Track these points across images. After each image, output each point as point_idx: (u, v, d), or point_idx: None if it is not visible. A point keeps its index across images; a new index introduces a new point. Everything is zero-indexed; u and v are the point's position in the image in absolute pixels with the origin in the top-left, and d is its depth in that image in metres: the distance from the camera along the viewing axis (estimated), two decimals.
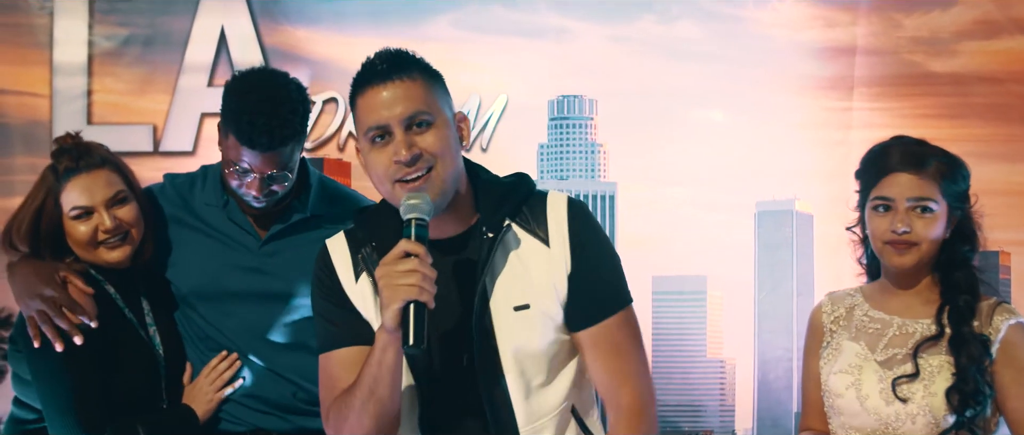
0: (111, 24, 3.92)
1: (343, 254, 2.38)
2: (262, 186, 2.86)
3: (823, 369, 2.75)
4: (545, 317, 2.32)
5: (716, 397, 3.84)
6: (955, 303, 2.66)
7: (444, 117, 2.29)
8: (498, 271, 2.31)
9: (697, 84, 3.87)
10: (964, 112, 3.86)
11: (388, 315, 2.15)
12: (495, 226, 2.30)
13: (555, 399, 2.36)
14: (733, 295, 3.81)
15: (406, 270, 2.13)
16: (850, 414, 2.69)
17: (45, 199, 2.82)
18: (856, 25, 3.89)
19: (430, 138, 2.25)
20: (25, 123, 3.91)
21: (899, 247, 2.66)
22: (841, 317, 2.79)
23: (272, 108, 2.78)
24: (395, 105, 2.25)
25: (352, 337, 2.32)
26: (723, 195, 3.84)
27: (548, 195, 2.37)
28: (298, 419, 3.05)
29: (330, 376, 2.34)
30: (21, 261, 2.85)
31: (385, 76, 2.27)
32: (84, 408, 2.76)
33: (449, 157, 2.26)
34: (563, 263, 2.32)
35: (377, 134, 2.27)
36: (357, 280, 2.35)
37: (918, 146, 2.71)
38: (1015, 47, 3.88)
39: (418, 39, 3.84)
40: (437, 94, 2.30)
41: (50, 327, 2.75)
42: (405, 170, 2.23)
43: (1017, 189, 3.80)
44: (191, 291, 3.00)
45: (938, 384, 2.62)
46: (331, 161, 3.88)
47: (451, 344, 2.30)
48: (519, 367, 2.31)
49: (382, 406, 2.24)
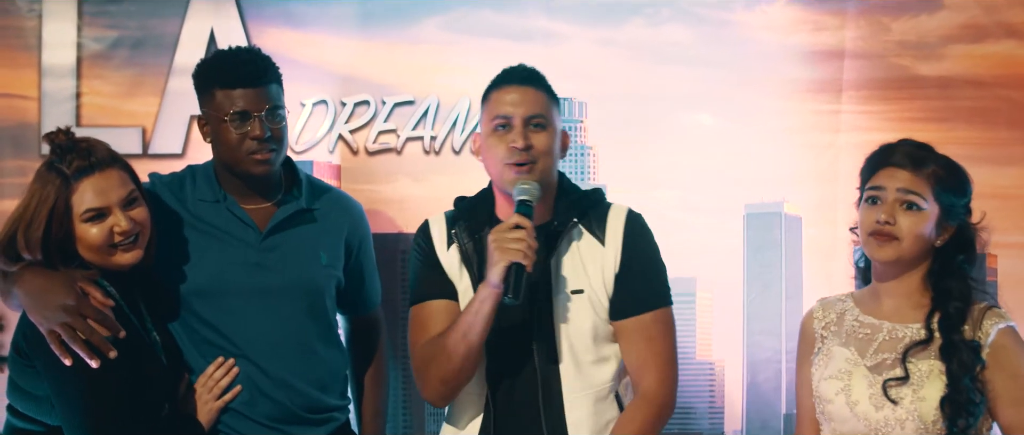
0: (100, 26, 3.91)
1: (441, 227, 2.89)
2: (264, 127, 2.93)
3: (814, 375, 2.75)
4: (594, 303, 2.80)
5: (705, 399, 3.84)
6: (946, 310, 2.66)
7: (554, 128, 2.85)
8: (562, 259, 2.81)
9: (686, 87, 3.88)
10: (951, 116, 3.87)
11: (495, 271, 2.65)
12: (564, 222, 2.82)
13: (599, 378, 2.81)
14: (722, 297, 3.82)
15: (515, 237, 2.64)
16: (840, 420, 2.69)
17: (55, 202, 2.69)
18: (844, 29, 3.90)
19: (542, 138, 2.81)
20: (14, 125, 3.90)
21: (880, 238, 2.67)
22: (831, 323, 2.79)
23: (248, 50, 3.11)
24: (521, 105, 2.81)
25: (441, 292, 2.84)
26: (712, 198, 3.85)
27: (612, 205, 2.91)
28: (293, 429, 3.04)
29: (420, 322, 2.83)
30: (28, 270, 2.71)
31: (519, 81, 2.85)
32: (109, 429, 2.66)
33: (550, 159, 2.83)
34: (613, 260, 2.82)
35: (501, 123, 2.82)
36: (448, 249, 2.87)
37: (922, 149, 2.73)
38: (1002, 51, 3.89)
39: (408, 42, 3.86)
40: (553, 109, 2.87)
41: (79, 343, 2.62)
42: (518, 155, 2.77)
43: (1003, 193, 3.82)
44: (190, 291, 3.00)
45: (927, 390, 2.62)
46: (321, 164, 3.88)
47: (519, 314, 2.76)
48: (569, 341, 2.78)
49: (470, 349, 2.70)
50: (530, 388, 2.78)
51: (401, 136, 3.90)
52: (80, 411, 2.67)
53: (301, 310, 3.06)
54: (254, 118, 2.97)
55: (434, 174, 3.88)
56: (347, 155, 3.91)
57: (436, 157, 3.89)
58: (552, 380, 2.78)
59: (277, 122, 3.01)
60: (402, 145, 3.91)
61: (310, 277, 3.07)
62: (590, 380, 2.80)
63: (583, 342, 2.80)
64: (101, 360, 2.65)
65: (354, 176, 3.88)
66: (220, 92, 2.99)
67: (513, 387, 2.80)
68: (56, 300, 2.65)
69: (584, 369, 2.80)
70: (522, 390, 2.79)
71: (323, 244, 3.11)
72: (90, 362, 2.63)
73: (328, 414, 3.12)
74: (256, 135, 2.97)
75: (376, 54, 3.88)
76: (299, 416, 3.05)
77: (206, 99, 3.03)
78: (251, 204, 3.08)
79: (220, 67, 3.04)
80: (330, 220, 3.15)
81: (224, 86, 2.98)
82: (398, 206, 3.87)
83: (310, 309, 3.07)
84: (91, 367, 2.63)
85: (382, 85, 3.89)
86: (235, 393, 2.99)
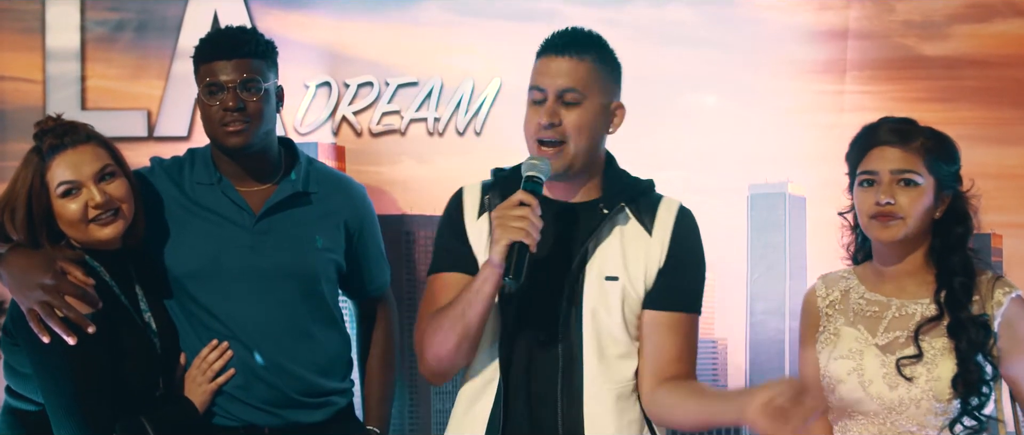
0: (103, 9, 3.91)
1: (474, 195, 2.74)
2: (236, 98, 2.92)
3: (821, 355, 2.74)
4: (628, 292, 2.65)
5: (709, 378, 3.85)
6: (951, 286, 2.66)
7: (596, 102, 2.64)
8: (602, 242, 2.65)
9: (689, 68, 3.87)
10: (956, 95, 3.86)
11: (496, 250, 2.50)
12: (611, 204, 2.67)
13: (624, 374, 2.65)
14: (726, 277, 3.82)
15: (518, 215, 2.49)
16: (853, 400, 2.68)
17: (32, 180, 2.74)
18: (849, 9, 3.89)
19: (574, 115, 2.62)
20: (19, 109, 3.91)
21: (883, 220, 2.67)
22: (837, 301, 2.78)
23: (235, 27, 3.12)
24: (558, 77, 2.63)
25: (460, 265, 2.68)
26: (716, 178, 3.85)
27: (664, 197, 2.76)
28: (289, 413, 3.05)
29: (432, 293, 2.70)
30: (12, 251, 2.76)
31: (561, 49, 2.64)
32: (90, 408, 2.69)
33: (585, 137, 2.63)
34: (658, 253, 2.67)
35: (535, 97, 2.65)
36: (478, 217, 2.71)
37: (904, 123, 2.72)
38: (1008, 30, 3.88)
39: (411, 23, 3.85)
40: (600, 79, 2.65)
41: (56, 320, 2.65)
42: (545, 133, 2.62)
43: (1009, 172, 3.81)
44: (186, 273, 3.00)
45: (941, 369, 2.62)
46: (325, 146, 3.89)
47: (543, 295, 2.62)
48: (595, 329, 2.63)
49: (467, 329, 2.57)
50: (549, 378, 2.61)
51: (405, 117, 3.90)
52: (59, 389, 2.69)
53: (295, 294, 3.05)
54: (227, 90, 2.97)
55: (438, 155, 3.88)
56: (351, 137, 3.91)
57: (440, 138, 3.89)
58: (574, 371, 2.60)
59: (253, 94, 2.98)
60: (406, 126, 3.91)
61: (304, 260, 3.06)
62: (615, 375, 2.63)
63: (612, 333, 2.63)
64: (79, 338, 2.66)
65: (358, 158, 3.88)
66: (203, 67, 3.02)
67: (529, 375, 2.63)
68: (35, 278, 2.68)
69: (609, 362, 2.63)
70: (539, 379, 2.62)
71: (319, 227, 3.10)
72: (67, 339, 2.66)
73: (326, 398, 3.12)
74: (228, 106, 2.96)
75: (379, 35, 3.88)
76: (295, 400, 3.04)
77: (196, 78, 3.05)
78: (247, 187, 3.08)
79: (204, 43, 3.07)
80: (328, 203, 3.15)
81: (204, 60, 3.02)
82: (402, 188, 3.87)
83: (305, 293, 3.07)
84: (70, 344, 2.65)
85: (385, 66, 3.89)
86: (228, 376, 2.99)
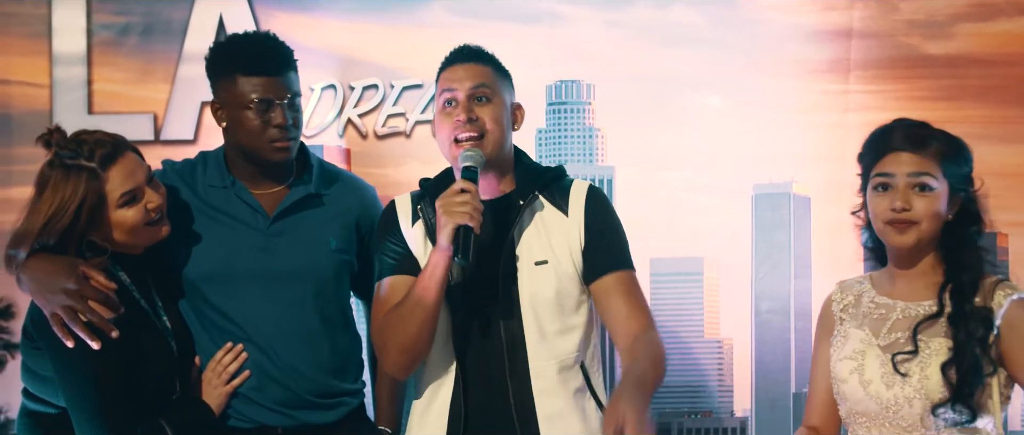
0: (109, 13, 3.93)
1: (406, 205, 2.92)
2: (285, 114, 2.95)
3: (831, 356, 2.75)
4: (559, 272, 2.83)
5: (714, 377, 3.85)
6: (959, 280, 2.65)
7: (502, 100, 2.86)
8: (524, 231, 2.84)
9: (693, 68, 3.88)
10: (960, 94, 3.87)
11: (443, 234, 2.68)
12: (526, 195, 2.84)
13: (564, 348, 2.84)
14: (731, 277, 3.83)
15: (461, 200, 2.68)
16: (854, 400, 2.69)
17: (85, 194, 2.73)
18: (852, 8, 3.90)
19: (487, 110, 2.81)
20: (25, 113, 3.92)
21: (899, 226, 2.67)
22: (850, 305, 2.79)
23: (267, 36, 3.09)
24: (467, 79, 2.82)
25: (403, 267, 2.85)
26: (720, 178, 3.86)
27: (574, 180, 2.92)
28: (302, 414, 3.05)
29: (382, 296, 2.86)
30: (35, 256, 2.74)
31: (465, 58, 2.86)
32: (113, 411, 2.70)
33: (500, 129, 2.83)
34: (577, 229, 2.84)
35: (447, 99, 2.83)
36: (412, 225, 2.89)
37: (920, 127, 2.71)
38: (1012, 29, 3.88)
39: (416, 25, 3.87)
40: (500, 82, 2.87)
41: (80, 325, 2.66)
42: (464, 130, 2.78)
43: (1013, 171, 3.81)
44: (200, 276, 3.01)
45: (933, 368, 2.62)
46: (331, 148, 3.90)
47: (482, 286, 2.81)
48: (534, 311, 2.81)
49: (426, 314, 2.74)
50: (497, 360, 2.81)
51: (410, 120, 3.91)
52: (82, 392, 2.70)
53: (308, 295, 3.06)
54: (277, 106, 2.97)
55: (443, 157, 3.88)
56: (356, 139, 3.92)
57: None
58: (517, 351, 2.81)
59: (297, 110, 3.03)
60: (411, 128, 3.92)
61: (317, 262, 3.06)
62: (555, 350, 2.83)
63: (548, 312, 2.82)
64: (103, 342, 2.67)
65: (364, 160, 3.89)
66: (242, 78, 2.97)
67: (480, 360, 2.83)
68: (58, 283, 2.68)
69: (549, 339, 2.82)
70: (489, 362, 2.82)
71: (332, 229, 3.11)
72: (91, 343, 2.66)
73: (338, 399, 3.12)
74: (279, 123, 2.98)
75: (384, 38, 3.89)
76: (308, 401, 3.05)
77: (225, 84, 3.01)
78: (261, 189, 3.09)
79: (241, 52, 3.02)
80: (340, 205, 3.15)
81: (246, 72, 2.97)
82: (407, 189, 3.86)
83: (318, 294, 3.07)
84: (93, 349, 2.66)
85: (391, 69, 3.91)
86: (244, 378, 3.00)
